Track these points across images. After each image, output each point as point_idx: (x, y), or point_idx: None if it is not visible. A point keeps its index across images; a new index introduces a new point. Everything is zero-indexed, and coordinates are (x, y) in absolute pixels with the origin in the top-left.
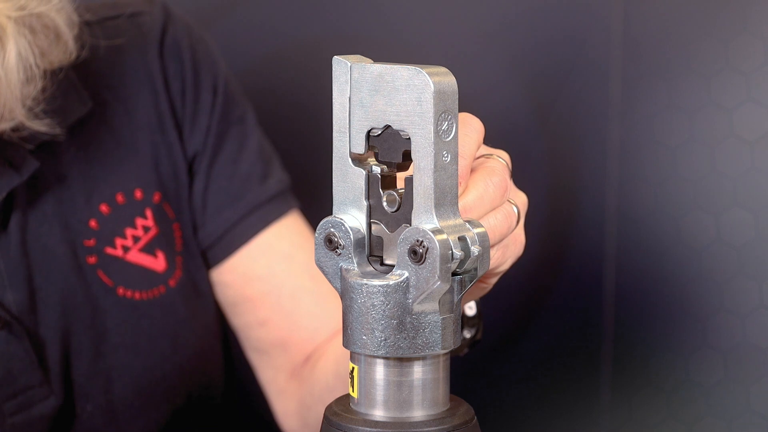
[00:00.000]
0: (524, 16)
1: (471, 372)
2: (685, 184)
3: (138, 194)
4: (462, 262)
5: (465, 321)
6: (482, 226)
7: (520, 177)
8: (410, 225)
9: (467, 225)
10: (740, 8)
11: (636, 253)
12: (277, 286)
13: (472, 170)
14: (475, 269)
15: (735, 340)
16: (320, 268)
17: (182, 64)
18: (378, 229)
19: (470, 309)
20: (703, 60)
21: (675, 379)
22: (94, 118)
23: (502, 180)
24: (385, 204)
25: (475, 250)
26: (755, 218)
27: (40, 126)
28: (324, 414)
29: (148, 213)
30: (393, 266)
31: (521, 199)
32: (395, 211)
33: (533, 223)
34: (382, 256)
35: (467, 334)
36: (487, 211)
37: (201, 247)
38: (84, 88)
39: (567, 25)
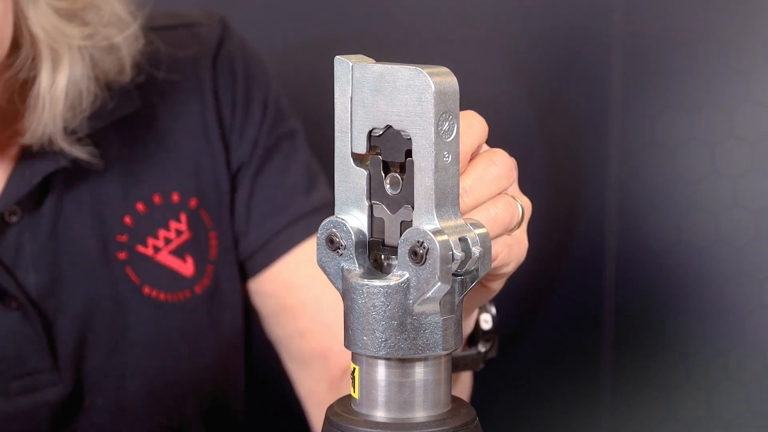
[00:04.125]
0: (524, 16)
1: (471, 372)
2: (685, 184)
3: (175, 197)
4: (463, 262)
5: (480, 335)
6: (483, 227)
7: (520, 177)
8: (411, 207)
9: (468, 226)
10: (740, 8)
11: (636, 253)
12: (318, 297)
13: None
14: (476, 270)
15: (735, 340)
16: (322, 268)
17: (235, 77)
18: (379, 210)
19: (486, 323)
20: (703, 60)
21: (675, 379)
22: (140, 119)
23: (505, 161)
24: (387, 186)
25: (476, 251)
26: (755, 218)
27: (80, 153)
28: (325, 414)
29: (183, 217)
30: (395, 248)
31: (525, 202)
32: (397, 193)
33: (533, 223)
34: (383, 239)
35: (482, 348)
36: (490, 191)
37: (242, 256)
38: (134, 88)
39: (567, 25)
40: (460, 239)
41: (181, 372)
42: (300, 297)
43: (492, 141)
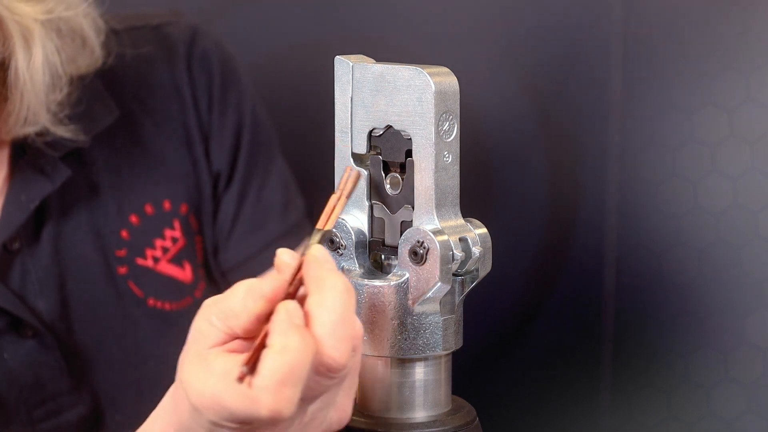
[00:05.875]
0: (524, 16)
1: (471, 372)
2: (685, 184)
3: (167, 205)
4: (463, 262)
5: None
6: (483, 227)
7: (521, 177)
8: (412, 207)
9: (468, 226)
10: (740, 8)
11: (636, 253)
12: None
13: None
14: (477, 270)
15: (735, 340)
16: None
17: (211, 78)
18: (380, 210)
19: None
20: (702, 60)
21: (675, 379)
22: (121, 129)
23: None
24: (387, 186)
25: (476, 251)
26: (755, 218)
27: (65, 132)
28: None
29: (176, 224)
30: (395, 248)
31: None
32: (397, 193)
33: (534, 223)
34: (383, 239)
35: None
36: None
37: (220, 270)
38: (110, 97)
39: (567, 25)
40: (460, 239)
41: None
42: None
43: (492, 141)
